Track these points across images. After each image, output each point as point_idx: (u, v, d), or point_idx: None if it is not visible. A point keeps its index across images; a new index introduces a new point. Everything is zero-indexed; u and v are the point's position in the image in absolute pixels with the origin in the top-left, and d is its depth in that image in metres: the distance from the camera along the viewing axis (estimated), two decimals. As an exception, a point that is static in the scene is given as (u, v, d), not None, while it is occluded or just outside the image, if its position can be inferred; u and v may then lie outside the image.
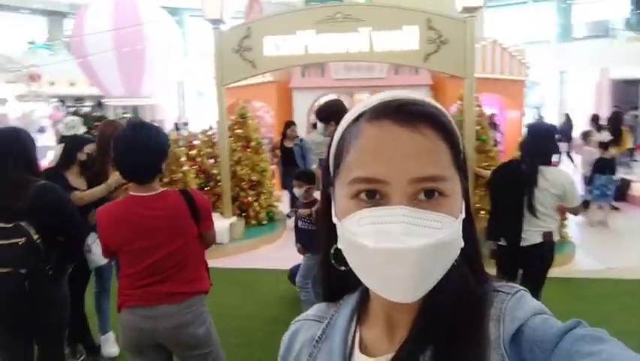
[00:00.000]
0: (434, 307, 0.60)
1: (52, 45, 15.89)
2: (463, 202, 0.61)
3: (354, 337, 0.68)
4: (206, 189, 6.49)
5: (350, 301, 0.71)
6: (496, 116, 10.04)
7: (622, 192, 7.63)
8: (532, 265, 3.14)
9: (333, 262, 0.66)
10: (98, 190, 3.18)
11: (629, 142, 7.90)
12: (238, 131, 6.83)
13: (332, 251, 0.65)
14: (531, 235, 3.07)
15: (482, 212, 6.08)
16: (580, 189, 5.13)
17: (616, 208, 7.34)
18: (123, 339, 2.16)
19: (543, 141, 3.04)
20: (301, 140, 7.36)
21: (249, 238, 6.30)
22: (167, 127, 14.15)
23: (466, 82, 5.46)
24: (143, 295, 2.09)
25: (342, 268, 0.63)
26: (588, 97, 15.23)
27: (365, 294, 0.70)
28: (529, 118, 11.91)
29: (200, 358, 2.18)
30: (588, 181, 6.94)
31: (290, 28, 5.58)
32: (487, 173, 5.56)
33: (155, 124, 2.07)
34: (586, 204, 6.51)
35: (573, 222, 6.15)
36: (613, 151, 7.15)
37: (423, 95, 0.62)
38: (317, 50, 5.60)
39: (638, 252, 5.80)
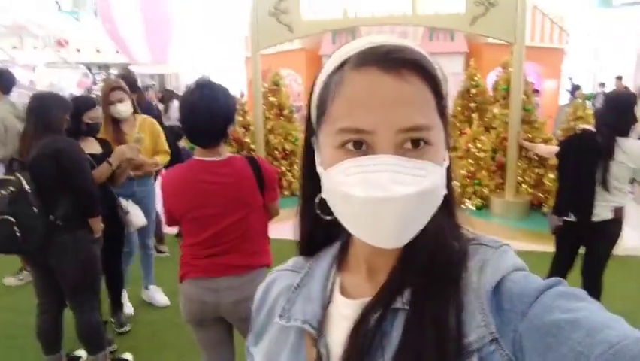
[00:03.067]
0: (413, 252, 0.61)
1: (78, 11, 15.74)
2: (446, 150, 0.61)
3: (334, 282, 0.69)
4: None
5: (329, 251, 0.72)
6: (534, 85, 9.65)
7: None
8: (599, 242, 2.97)
9: (318, 212, 0.65)
10: (104, 170, 2.89)
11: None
12: (271, 99, 6.67)
13: (317, 201, 0.65)
14: (602, 210, 2.88)
15: (524, 185, 5.89)
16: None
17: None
18: (185, 311, 2.09)
19: (622, 111, 2.81)
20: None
21: (283, 207, 6.19)
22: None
23: (515, 48, 5.15)
24: (206, 266, 2.00)
25: (327, 217, 0.63)
26: (629, 66, 14.56)
27: (346, 243, 0.71)
28: (564, 87, 11.43)
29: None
30: None
31: (329, -10, 5.32)
32: (532, 145, 5.34)
33: (223, 85, 1.92)
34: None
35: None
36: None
37: (408, 41, 0.60)
38: (357, 14, 5.34)
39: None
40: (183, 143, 5.28)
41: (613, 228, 2.93)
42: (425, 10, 5.21)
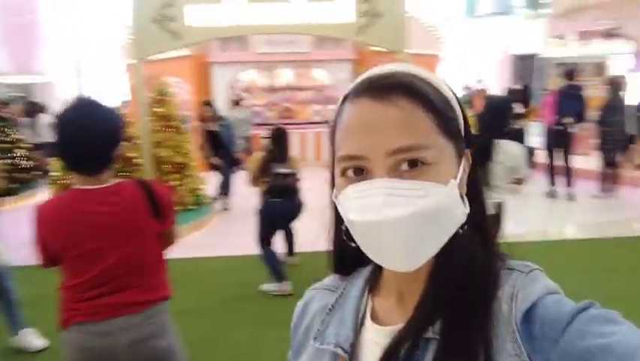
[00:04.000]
0: (441, 279, 0.61)
1: None
2: (462, 169, 0.61)
3: (366, 306, 0.69)
4: (122, 174, 5.91)
5: (363, 273, 0.73)
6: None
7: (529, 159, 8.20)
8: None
9: (344, 238, 0.65)
10: None
11: (534, 113, 8.52)
12: (158, 109, 6.27)
13: (343, 228, 0.65)
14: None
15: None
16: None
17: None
18: (70, 363, 1.81)
19: (499, 114, 3.06)
20: (223, 119, 7.00)
21: (179, 224, 5.85)
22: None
23: (400, 56, 5.42)
24: (95, 308, 1.75)
25: (353, 244, 0.63)
26: (491, 71, 16.23)
27: (377, 265, 0.70)
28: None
29: (165, 372, 1.90)
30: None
31: (216, -4, 5.14)
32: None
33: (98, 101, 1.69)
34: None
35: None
36: (522, 122, 7.64)
37: (407, 65, 0.62)
38: (247, 22, 5.23)
39: (540, 217, 6.28)
40: None
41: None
42: (314, 19, 5.26)
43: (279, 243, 4.37)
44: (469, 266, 0.61)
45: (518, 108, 7.86)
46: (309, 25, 5.30)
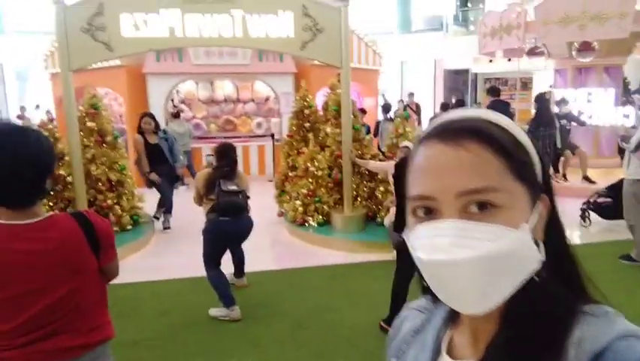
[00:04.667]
0: (513, 323, 0.61)
1: None
2: (537, 214, 0.60)
3: (444, 337, 0.71)
4: (53, 193, 5.48)
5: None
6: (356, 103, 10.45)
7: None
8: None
9: (416, 274, 0.67)
10: None
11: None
12: (90, 124, 5.89)
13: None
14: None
15: (359, 199, 6.26)
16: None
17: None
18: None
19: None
20: (165, 131, 6.69)
21: (118, 245, 5.49)
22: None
23: (342, 72, 5.47)
24: (24, 357, 1.55)
25: (424, 283, 0.64)
26: (425, 85, 16.86)
27: None
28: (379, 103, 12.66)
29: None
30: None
31: (151, 6, 4.92)
32: (365, 162, 5.70)
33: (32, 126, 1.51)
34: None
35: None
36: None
37: (479, 110, 0.64)
38: (185, 33, 5.04)
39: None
40: None
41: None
42: (255, 32, 5.18)
43: (225, 263, 4.18)
44: (542, 311, 0.60)
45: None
46: (250, 39, 5.20)
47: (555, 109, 8.15)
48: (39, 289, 1.54)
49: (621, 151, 6.21)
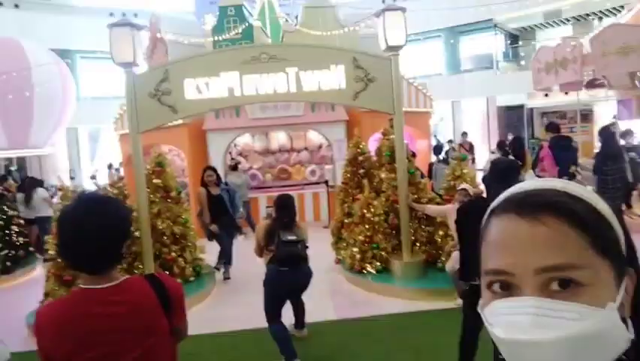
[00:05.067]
0: None
1: None
2: (624, 290, 0.58)
3: None
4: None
5: None
6: (409, 146, 10.43)
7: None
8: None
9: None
10: None
11: (530, 163, 8.59)
12: (156, 180, 6.24)
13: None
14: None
15: (417, 244, 6.13)
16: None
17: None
18: None
19: (505, 177, 3.03)
20: (226, 183, 6.97)
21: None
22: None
23: (395, 118, 5.51)
24: (102, 419, 1.61)
25: (500, 357, 0.61)
26: (478, 123, 16.61)
27: None
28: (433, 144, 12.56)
29: None
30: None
31: (213, 70, 5.26)
32: (422, 207, 5.62)
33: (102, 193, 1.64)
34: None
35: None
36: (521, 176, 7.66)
37: (555, 181, 0.63)
38: (243, 92, 5.32)
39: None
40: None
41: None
42: (309, 87, 5.37)
43: (285, 312, 4.19)
44: None
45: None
46: (304, 93, 5.40)
47: (621, 141, 7.74)
48: (116, 351, 1.61)
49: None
